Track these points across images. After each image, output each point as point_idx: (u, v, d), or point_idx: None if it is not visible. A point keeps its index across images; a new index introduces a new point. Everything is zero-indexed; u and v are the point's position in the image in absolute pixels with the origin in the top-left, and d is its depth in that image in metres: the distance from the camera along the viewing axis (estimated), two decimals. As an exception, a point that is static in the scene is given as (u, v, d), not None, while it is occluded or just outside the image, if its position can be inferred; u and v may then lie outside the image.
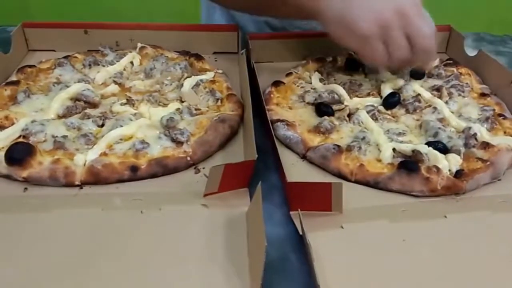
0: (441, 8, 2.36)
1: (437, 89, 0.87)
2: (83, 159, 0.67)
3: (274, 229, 0.62)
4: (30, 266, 0.54)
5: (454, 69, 0.92)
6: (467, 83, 0.88)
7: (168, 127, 0.73)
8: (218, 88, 0.86)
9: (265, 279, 0.49)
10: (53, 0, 2.28)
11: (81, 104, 0.80)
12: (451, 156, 0.70)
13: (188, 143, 0.71)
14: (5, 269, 0.53)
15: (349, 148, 0.71)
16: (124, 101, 0.81)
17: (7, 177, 0.66)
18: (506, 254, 0.58)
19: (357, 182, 0.68)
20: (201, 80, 0.87)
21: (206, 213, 0.61)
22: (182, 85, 0.85)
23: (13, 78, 0.86)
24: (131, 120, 0.75)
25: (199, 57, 0.96)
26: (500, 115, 0.80)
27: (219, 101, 0.83)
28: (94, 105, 0.81)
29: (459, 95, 0.85)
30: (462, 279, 0.54)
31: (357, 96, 0.86)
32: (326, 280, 0.52)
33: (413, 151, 0.69)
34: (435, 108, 0.81)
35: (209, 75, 0.89)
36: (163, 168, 0.68)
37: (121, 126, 0.73)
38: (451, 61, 0.96)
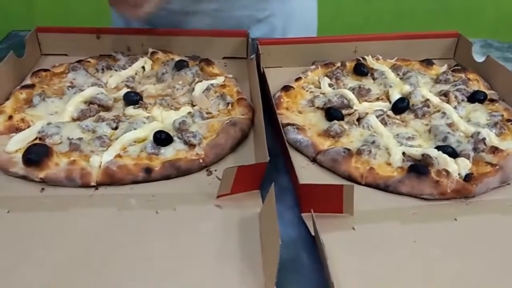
0: (448, 14, 2.38)
1: (445, 94, 0.88)
2: (99, 160, 0.68)
3: (286, 230, 0.62)
4: (47, 264, 0.55)
5: (463, 75, 0.93)
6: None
7: (181, 130, 0.75)
8: (229, 93, 0.87)
9: (278, 279, 0.50)
10: (58, 5, 2.31)
11: (95, 108, 0.81)
12: (461, 160, 0.71)
13: (200, 145, 0.72)
14: (22, 267, 0.54)
15: (359, 152, 0.72)
16: (137, 104, 0.82)
17: (24, 177, 0.67)
18: (516, 257, 0.58)
19: (367, 185, 0.69)
20: (211, 85, 0.88)
21: (220, 213, 0.63)
22: (193, 89, 0.86)
23: (28, 81, 0.88)
24: (144, 123, 0.77)
25: (209, 62, 0.97)
26: (508, 120, 0.81)
27: (230, 105, 0.84)
28: (107, 109, 0.82)
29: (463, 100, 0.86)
30: (472, 280, 0.55)
31: (366, 100, 0.87)
32: (338, 280, 0.52)
33: (422, 155, 0.70)
34: (444, 113, 0.82)
35: (219, 80, 0.91)
36: (176, 170, 0.69)
37: (135, 129, 0.75)
38: (459, 67, 0.97)
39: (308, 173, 0.71)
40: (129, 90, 0.86)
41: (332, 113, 0.81)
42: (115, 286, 0.53)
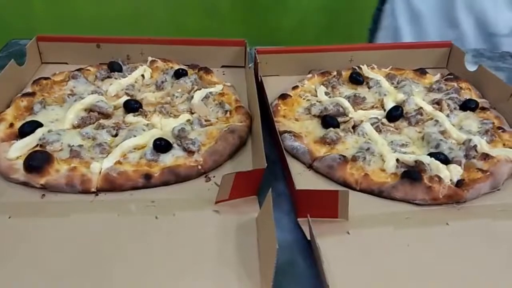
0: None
1: (437, 103, 0.90)
2: (99, 167, 0.69)
3: (282, 235, 0.64)
4: (48, 270, 0.56)
5: (455, 84, 0.95)
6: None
7: (180, 137, 0.76)
8: (227, 101, 0.89)
9: (274, 282, 0.51)
10: (57, 14, 2.33)
11: (95, 115, 0.83)
12: (452, 166, 0.72)
13: (199, 152, 0.74)
14: (23, 272, 0.55)
15: (354, 158, 0.74)
16: (137, 112, 0.84)
17: (25, 184, 0.68)
18: (506, 260, 0.60)
19: (361, 190, 0.71)
20: (210, 93, 0.90)
21: (218, 218, 0.64)
22: (192, 97, 0.88)
23: (29, 89, 0.90)
24: (143, 130, 0.78)
25: (208, 71, 0.99)
26: (499, 128, 0.83)
27: (228, 112, 0.86)
28: (107, 116, 0.84)
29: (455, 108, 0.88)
30: (464, 283, 0.57)
31: (361, 109, 0.89)
32: (334, 283, 0.53)
33: (416, 161, 0.72)
34: (436, 121, 0.83)
35: (218, 88, 0.93)
36: (175, 176, 0.70)
37: (135, 136, 0.76)
38: (452, 76, 0.99)
39: (304, 179, 0.73)
40: (129, 98, 0.88)
41: (328, 120, 0.83)
42: (116, 289, 0.54)
